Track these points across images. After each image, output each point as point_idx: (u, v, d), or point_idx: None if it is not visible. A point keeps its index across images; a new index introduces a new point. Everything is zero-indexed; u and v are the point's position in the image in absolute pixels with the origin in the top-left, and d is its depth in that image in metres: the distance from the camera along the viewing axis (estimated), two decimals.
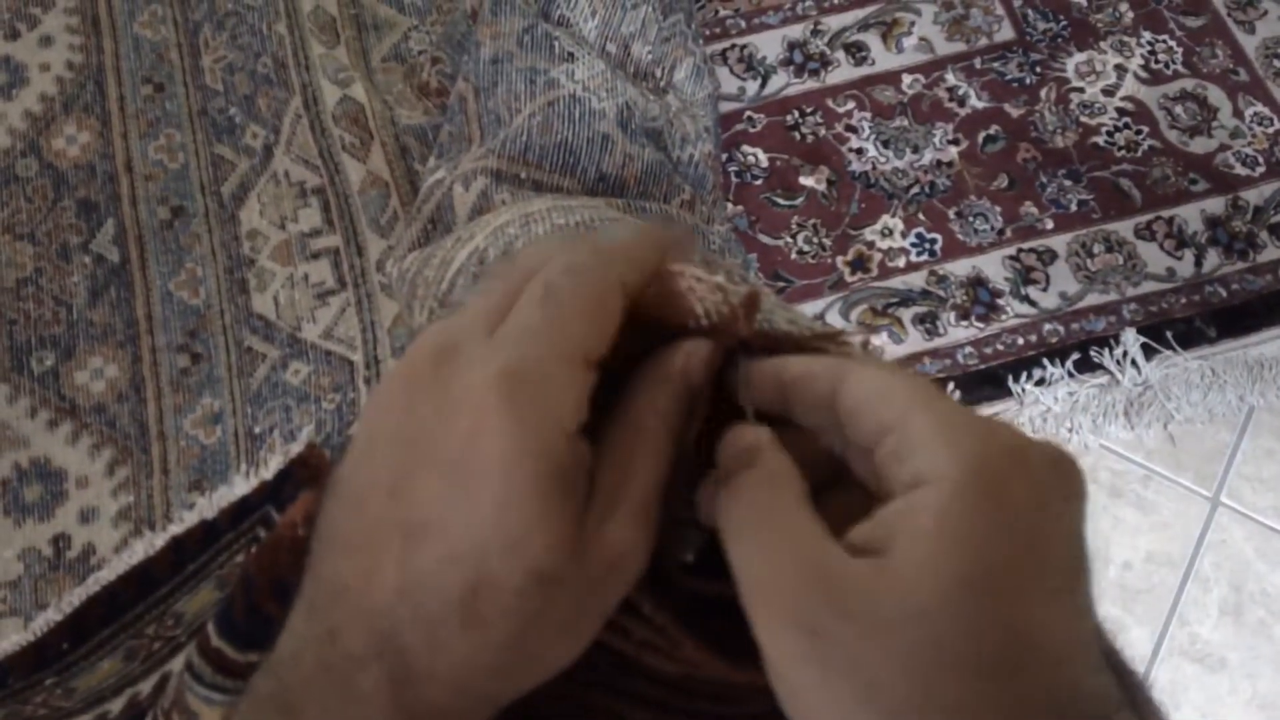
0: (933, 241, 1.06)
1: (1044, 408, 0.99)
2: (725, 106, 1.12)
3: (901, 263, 1.05)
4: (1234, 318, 1.03)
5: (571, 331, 0.27)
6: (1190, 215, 1.07)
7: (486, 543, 0.25)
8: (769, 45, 1.17)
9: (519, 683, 0.28)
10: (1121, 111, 1.12)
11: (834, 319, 1.02)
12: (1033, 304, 1.03)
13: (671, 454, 0.29)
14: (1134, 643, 0.94)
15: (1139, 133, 1.11)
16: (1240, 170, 1.09)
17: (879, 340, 1.01)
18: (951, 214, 1.07)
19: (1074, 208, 1.07)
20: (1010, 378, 1.00)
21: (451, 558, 0.26)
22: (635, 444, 0.28)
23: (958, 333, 1.02)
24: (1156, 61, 1.15)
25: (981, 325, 1.02)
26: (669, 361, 0.29)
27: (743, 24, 1.18)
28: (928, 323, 1.02)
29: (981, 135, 1.11)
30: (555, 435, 0.26)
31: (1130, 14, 1.18)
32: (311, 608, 0.28)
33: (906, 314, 1.02)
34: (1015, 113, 1.12)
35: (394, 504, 0.27)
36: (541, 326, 0.27)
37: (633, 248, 0.30)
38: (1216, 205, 1.08)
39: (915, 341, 1.01)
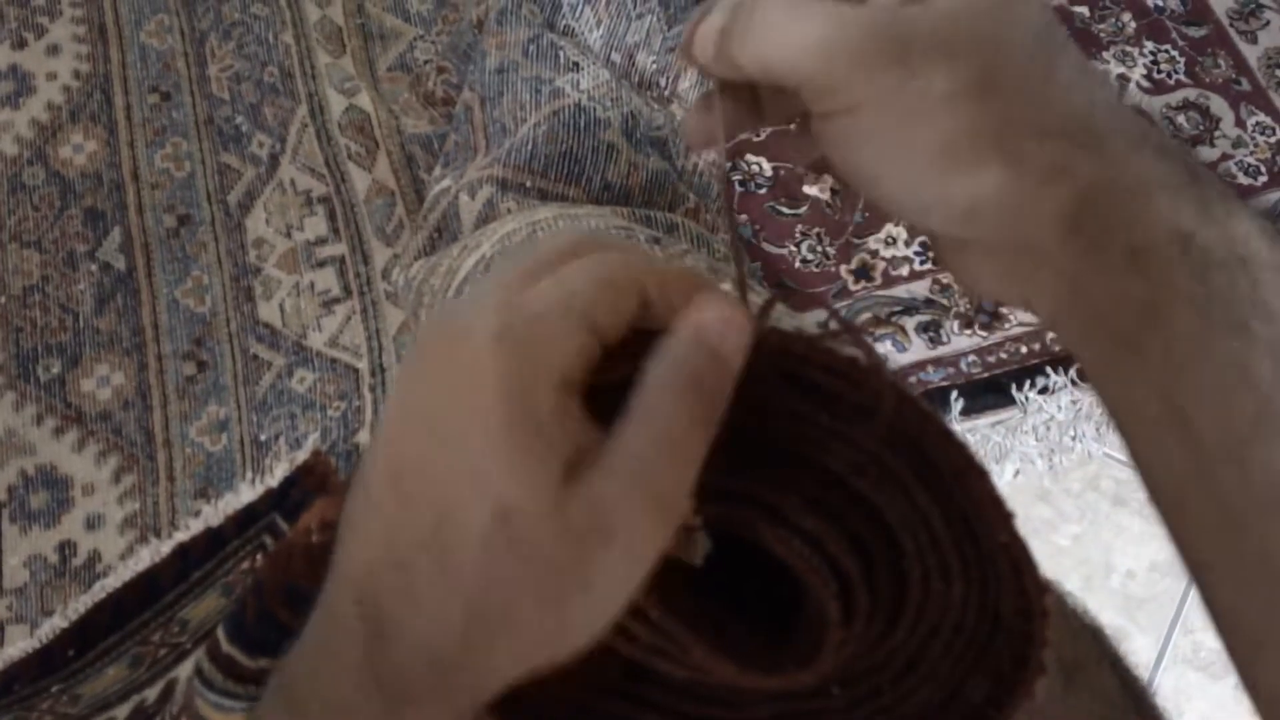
0: None
1: (1047, 416, 0.99)
2: None
3: (905, 271, 1.05)
4: None
5: (580, 295, 0.27)
6: None
7: (456, 482, 0.25)
8: None
9: (495, 663, 0.27)
10: None
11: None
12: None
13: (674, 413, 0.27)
14: (1138, 651, 0.94)
15: None
16: (1243, 179, 1.10)
17: (883, 348, 1.01)
18: None
19: None
20: (1014, 386, 1.00)
21: (424, 499, 0.26)
22: (635, 409, 0.27)
23: (961, 341, 1.02)
24: (1159, 71, 1.16)
25: (985, 333, 1.02)
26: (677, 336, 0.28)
27: None
28: (931, 331, 1.02)
29: None
30: (538, 383, 0.25)
31: (1133, 24, 1.19)
32: (321, 596, 0.29)
33: (910, 322, 1.03)
34: None
35: (389, 471, 0.27)
36: (551, 289, 0.27)
37: (669, 278, 0.29)
38: None
39: (919, 350, 1.01)
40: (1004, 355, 1.02)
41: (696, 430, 0.27)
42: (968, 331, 1.02)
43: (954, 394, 0.99)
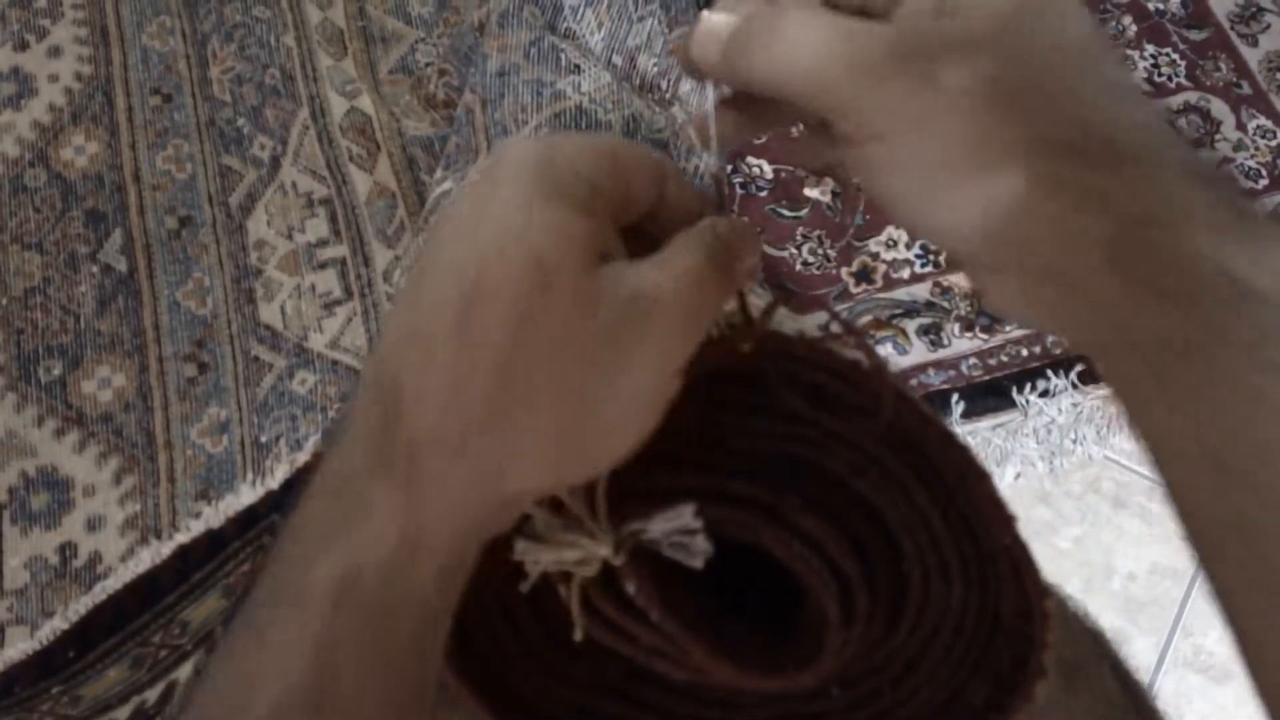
0: (937, 253, 1.06)
1: (1048, 419, 0.99)
2: None
3: (906, 274, 1.05)
4: None
5: (612, 143, 0.28)
6: None
7: (489, 241, 0.25)
8: None
9: (515, 447, 0.26)
10: None
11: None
12: None
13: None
14: (1139, 654, 0.94)
15: None
16: (1243, 183, 1.10)
17: (883, 350, 1.01)
18: None
19: None
20: (1014, 389, 1.00)
21: (452, 268, 0.26)
22: (669, 246, 0.28)
23: (962, 344, 1.02)
24: (1160, 74, 1.16)
25: (986, 336, 1.02)
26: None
27: None
28: (932, 334, 1.02)
29: None
30: (572, 176, 0.26)
31: (1133, 27, 1.19)
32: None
33: (911, 325, 1.03)
34: None
35: (421, 263, 0.27)
36: (585, 134, 0.28)
37: (687, 186, 0.30)
38: None
39: (920, 352, 1.01)
40: (1005, 358, 1.02)
41: (717, 291, 0.28)
42: (969, 334, 1.02)
43: (955, 397, 0.99)
